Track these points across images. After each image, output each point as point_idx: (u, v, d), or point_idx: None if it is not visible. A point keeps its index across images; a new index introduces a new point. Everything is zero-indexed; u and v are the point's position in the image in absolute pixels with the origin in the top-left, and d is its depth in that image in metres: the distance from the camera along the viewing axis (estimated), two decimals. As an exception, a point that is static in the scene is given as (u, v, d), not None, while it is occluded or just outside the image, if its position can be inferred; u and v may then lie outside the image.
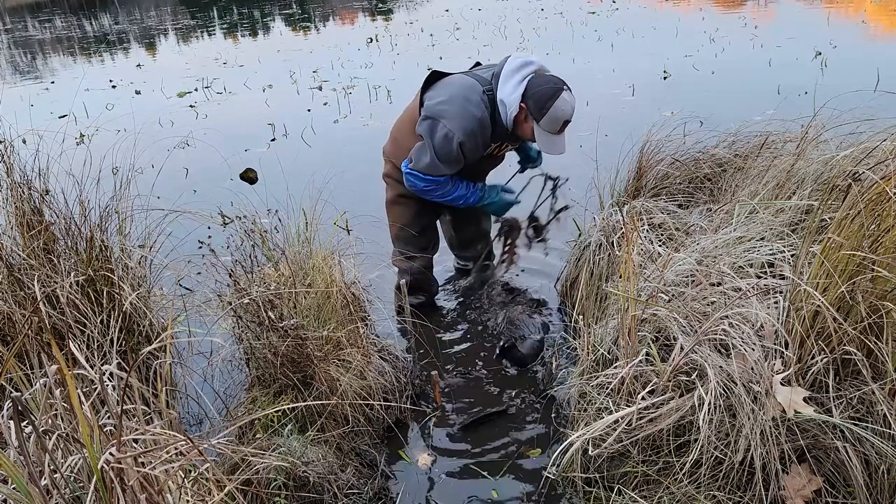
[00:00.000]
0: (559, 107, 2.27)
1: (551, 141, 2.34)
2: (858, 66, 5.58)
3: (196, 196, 3.89)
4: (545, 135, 2.32)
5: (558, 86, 2.29)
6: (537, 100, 2.27)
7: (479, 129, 2.31)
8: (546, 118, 2.28)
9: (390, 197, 2.65)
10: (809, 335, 1.51)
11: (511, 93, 2.29)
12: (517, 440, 2.10)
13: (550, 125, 2.30)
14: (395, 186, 2.60)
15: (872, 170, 1.53)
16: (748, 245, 2.01)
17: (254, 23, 13.95)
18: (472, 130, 2.30)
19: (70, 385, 1.11)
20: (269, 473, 1.68)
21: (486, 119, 2.32)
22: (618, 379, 1.68)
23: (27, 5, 22.43)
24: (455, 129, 2.28)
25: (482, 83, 2.33)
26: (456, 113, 2.28)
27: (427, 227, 2.67)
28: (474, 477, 1.97)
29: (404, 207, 2.62)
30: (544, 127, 2.30)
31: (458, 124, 2.27)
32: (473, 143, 2.33)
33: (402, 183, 2.51)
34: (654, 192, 2.71)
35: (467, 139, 2.30)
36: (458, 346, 2.62)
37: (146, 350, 1.42)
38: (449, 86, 2.36)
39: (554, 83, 2.29)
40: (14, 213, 2.19)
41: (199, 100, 6.86)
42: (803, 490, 1.52)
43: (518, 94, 2.29)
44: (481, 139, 2.35)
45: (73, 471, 1.17)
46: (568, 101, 2.30)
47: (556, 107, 2.27)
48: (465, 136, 2.29)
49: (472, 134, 2.30)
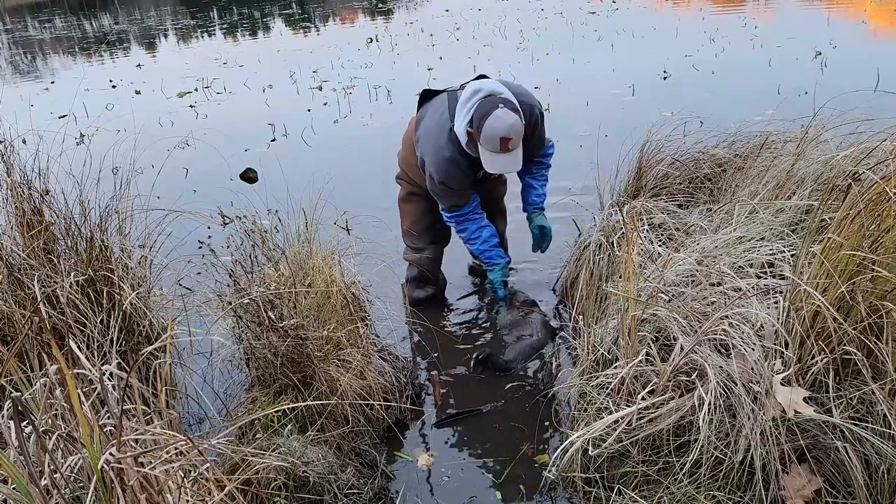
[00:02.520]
0: (491, 124, 2.22)
1: (493, 160, 2.31)
2: (858, 66, 5.58)
3: (196, 196, 3.88)
4: (487, 154, 2.30)
5: (496, 104, 2.25)
6: (476, 120, 2.27)
7: (453, 167, 2.42)
8: (482, 136, 2.26)
9: (401, 195, 2.79)
10: (809, 335, 1.51)
11: (461, 123, 2.34)
12: (517, 440, 2.10)
13: (488, 143, 2.27)
14: (405, 186, 2.74)
15: (872, 170, 1.53)
16: (748, 245, 2.01)
17: (254, 23, 13.96)
18: (447, 170, 2.42)
19: (70, 385, 1.11)
20: (269, 473, 1.68)
21: (457, 155, 2.40)
22: (618, 379, 1.68)
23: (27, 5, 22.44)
24: (434, 171, 2.43)
25: (450, 118, 2.40)
26: (431, 158, 2.43)
27: (435, 222, 2.73)
28: (474, 477, 1.97)
29: (413, 205, 2.73)
30: (485, 146, 2.29)
31: (435, 168, 2.42)
32: (454, 178, 2.44)
33: (411, 183, 2.67)
34: (654, 192, 2.71)
35: (446, 178, 2.43)
36: (458, 345, 2.61)
37: (146, 350, 1.42)
38: (425, 127, 2.49)
39: (493, 102, 2.26)
40: (14, 213, 2.19)
41: (199, 100, 6.86)
42: (803, 490, 1.52)
43: (466, 121, 2.32)
44: (461, 172, 2.44)
45: (73, 471, 1.17)
46: (501, 118, 2.22)
47: (488, 124, 2.23)
48: (444, 177, 2.43)
49: (448, 172, 2.42)
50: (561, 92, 6.01)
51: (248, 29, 13.07)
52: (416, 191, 2.68)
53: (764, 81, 5.45)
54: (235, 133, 5.43)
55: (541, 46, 8.01)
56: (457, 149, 2.39)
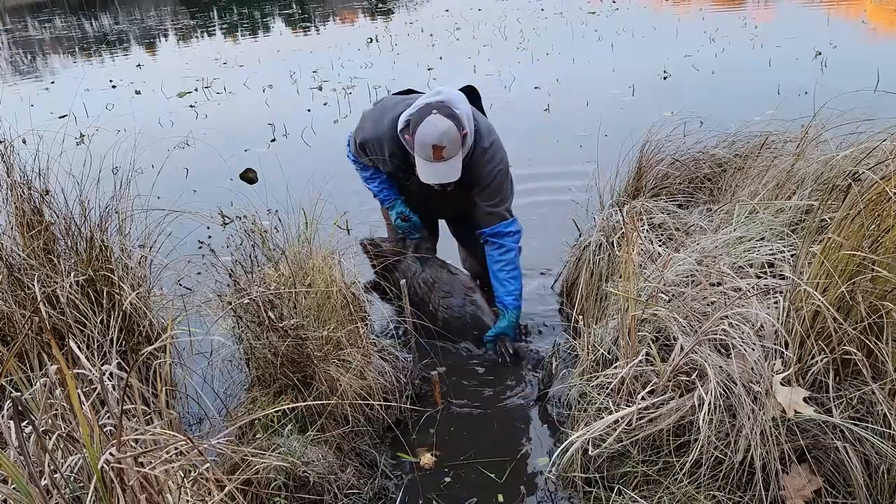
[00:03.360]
0: (422, 130, 2.14)
1: (427, 169, 2.21)
2: (858, 66, 5.58)
3: (196, 196, 3.89)
4: (421, 162, 2.21)
5: (430, 111, 2.16)
6: (412, 126, 2.19)
7: (377, 140, 2.39)
8: (416, 144, 2.18)
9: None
10: (809, 335, 1.51)
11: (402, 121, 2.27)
12: (517, 440, 2.10)
13: (421, 151, 2.18)
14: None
15: (872, 170, 1.53)
16: (748, 245, 2.01)
17: (254, 23, 13.96)
18: (369, 138, 2.41)
19: (70, 385, 1.11)
20: (269, 473, 1.68)
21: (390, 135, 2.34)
22: (618, 379, 1.68)
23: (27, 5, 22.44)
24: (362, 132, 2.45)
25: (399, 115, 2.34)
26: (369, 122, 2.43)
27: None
28: (474, 477, 1.97)
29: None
30: (419, 154, 2.20)
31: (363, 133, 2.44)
32: (372, 146, 2.42)
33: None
34: (654, 192, 2.71)
35: (365, 141, 2.44)
36: (458, 345, 2.61)
37: (146, 350, 1.42)
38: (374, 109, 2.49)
39: (429, 109, 2.17)
40: (14, 213, 2.19)
41: (199, 100, 6.86)
42: (803, 490, 1.52)
43: (404, 123, 2.26)
44: (380, 149, 2.40)
45: (73, 471, 1.17)
46: (433, 124, 2.13)
47: (420, 130, 2.15)
48: (363, 139, 2.44)
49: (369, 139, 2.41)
50: (561, 92, 6.01)
51: (248, 29, 13.07)
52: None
53: (764, 81, 5.45)
54: (235, 133, 5.43)
55: (541, 46, 8.01)
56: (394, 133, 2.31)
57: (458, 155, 2.20)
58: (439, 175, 2.22)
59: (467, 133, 2.21)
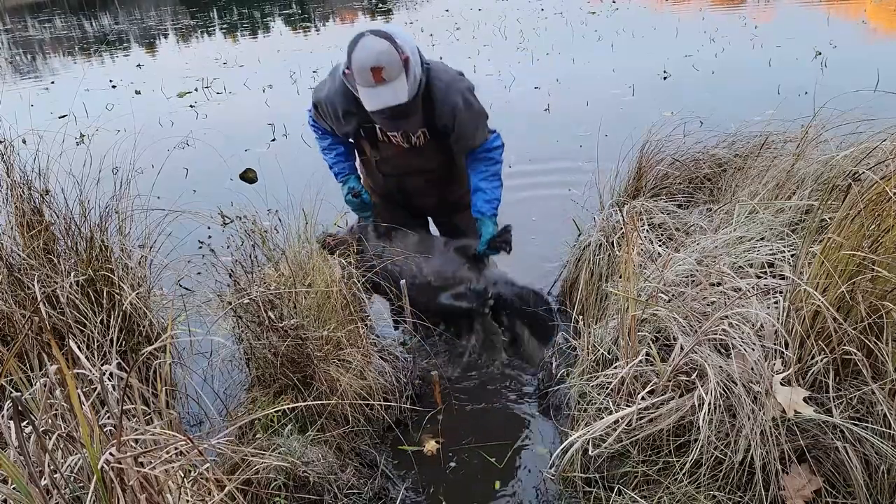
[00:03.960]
0: (357, 55, 2.01)
1: (370, 94, 2.05)
2: (858, 66, 5.58)
3: (196, 196, 3.88)
4: (364, 91, 2.06)
5: (364, 34, 2.05)
6: (348, 57, 2.07)
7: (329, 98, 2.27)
8: (354, 71, 2.05)
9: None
10: (809, 335, 1.51)
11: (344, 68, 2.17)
12: (517, 440, 2.10)
13: (360, 77, 2.04)
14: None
15: (872, 170, 1.53)
16: (748, 245, 2.01)
17: (254, 23, 13.96)
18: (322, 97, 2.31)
19: (70, 385, 1.11)
20: (269, 473, 1.68)
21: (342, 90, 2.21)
22: (618, 379, 1.68)
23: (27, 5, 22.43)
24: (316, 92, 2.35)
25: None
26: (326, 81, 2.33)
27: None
28: (474, 477, 1.97)
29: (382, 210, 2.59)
30: (359, 82, 2.05)
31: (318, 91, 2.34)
32: (324, 106, 2.31)
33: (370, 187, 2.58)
34: (654, 192, 2.71)
35: (318, 101, 2.34)
36: (459, 345, 2.61)
37: (146, 350, 1.42)
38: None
39: (363, 33, 2.06)
40: (14, 213, 2.19)
41: (199, 100, 6.86)
42: (803, 490, 1.52)
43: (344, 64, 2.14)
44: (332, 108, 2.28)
45: (73, 471, 1.17)
46: (367, 46, 2.01)
47: (355, 56, 2.02)
48: (315, 99, 2.35)
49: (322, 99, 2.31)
50: (561, 92, 6.01)
51: (248, 29, 13.07)
52: (376, 190, 2.58)
53: (764, 81, 5.45)
54: (235, 133, 5.43)
55: (541, 46, 8.01)
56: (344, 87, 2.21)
57: (400, 78, 2.04)
58: (383, 98, 2.05)
59: (409, 59, 2.05)
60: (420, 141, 2.27)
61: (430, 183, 2.47)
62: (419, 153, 2.33)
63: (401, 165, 2.39)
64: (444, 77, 2.21)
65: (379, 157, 2.39)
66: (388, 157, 2.38)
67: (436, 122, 2.23)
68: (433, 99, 2.20)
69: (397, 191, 2.51)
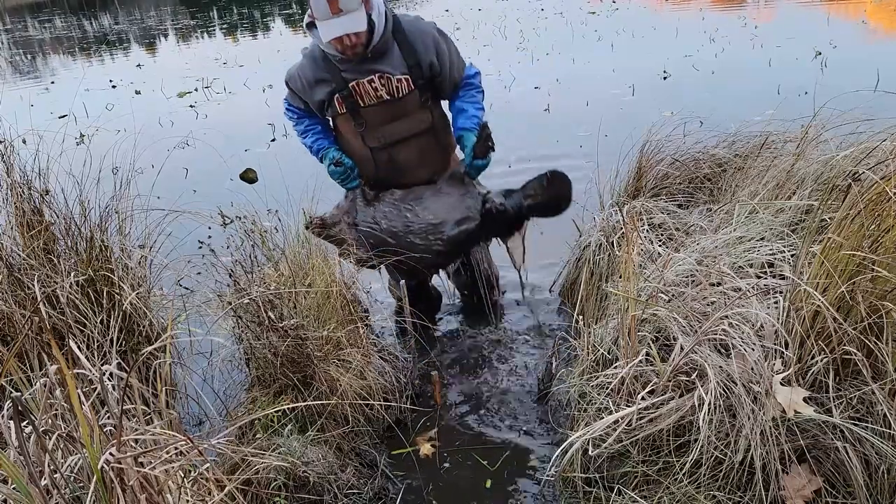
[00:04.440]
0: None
1: (328, 26, 2.06)
2: (858, 66, 5.58)
3: (196, 196, 3.89)
4: (321, 25, 2.07)
5: None
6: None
7: (300, 70, 2.28)
8: (312, 7, 2.07)
9: None
10: (809, 335, 1.51)
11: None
12: (517, 441, 2.10)
13: (318, 11, 2.05)
14: None
15: (872, 170, 1.53)
16: (748, 245, 2.01)
17: (254, 23, 13.96)
18: (293, 71, 2.30)
19: (70, 385, 1.11)
20: (269, 473, 1.68)
21: (312, 57, 2.25)
22: (618, 379, 1.68)
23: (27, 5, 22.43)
24: (287, 73, 2.34)
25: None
26: (292, 66, 2.33)
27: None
28: (474, 477, 1.97)
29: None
30: (317, 17, 2.06)
31: (289, 71, 2.33)
32: (296, 79, 2.30)
33: None
34: (654, 192, 2.71)
35: (290, 77, 2.33)
36: (458, 345, 2.61)
37: (146, 350, 1.42)
38: None
39: None
40: (14, 213, 2.19)
41: (199, 100, 6.86)
42: (803, 490, 1.52)
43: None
44: (304, 79, 2.27)
45: (73, 471, 1.17)
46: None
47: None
48: (288, 75, 2.33)
49: (294, 73, 2.30)
50: (561, 92, 6.01)
51: (248, 29, 13.07)
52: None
53: (764, 81, 5.44)
54: (235, 133, 5.43)
55: (541, 46, 8.01)
56: (318, 52, 2.22)
57: (360, 9, 2.06)
58: (341, 26, 2.05)
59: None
60: (403, 89, 2.22)
61: (421, 153, 2.38)
62: (404, 113, 2.28)
63: (388, 133, 2.31)
64: (408, 18, 2.24)
65: (364, 127, 2.30)
66: (373, 124, 2.29)
67: (421, 61, 2.22)
68: (409, 40, 2.21)
69: (388, 168, 2.38)
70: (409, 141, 2.34)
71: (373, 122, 2.29)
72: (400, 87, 2.23)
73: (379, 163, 2.37)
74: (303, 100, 2.35)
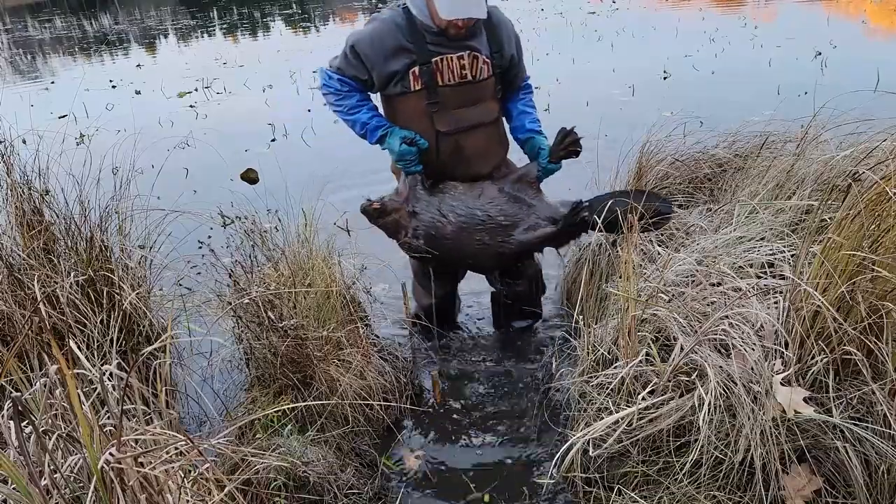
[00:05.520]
0: None
1: (455, 4, 1.97)
2: (858, 66, 5.58)
3: (196, 196, 3.89)
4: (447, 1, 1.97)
5: None
6: None
7: (375, 33, 2.09)
8: None
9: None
10: (809, 335, 1.51)
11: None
12: (517, 441, 2.10)
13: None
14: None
15: (872, 170, 1.53)
16: (748, 245, 2.01)
17: (254, 23, 13.96)
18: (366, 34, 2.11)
19: (70, 385, 1.11)
20: (269, 473, 1.68)
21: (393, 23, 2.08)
22: (618, 379, 1.68)
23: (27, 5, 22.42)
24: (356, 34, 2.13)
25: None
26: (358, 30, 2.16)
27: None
28: (474, 477, 1.97)
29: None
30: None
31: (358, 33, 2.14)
32: (368, 43, 2.09)
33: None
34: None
35: (360, 40, 2.10)
36: (459, 345, 2.61)
37: (146, 350, 1.42)
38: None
39: None
40: (14, 213, 2.19)
41: (199, 100, 6.86)
42: (803, 490, 1.52)
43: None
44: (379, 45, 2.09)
45: (73, 471, 1.17)
46: None
47: None
48: (357, 38, 2.11)
49: (366, 36, 2.10)
50: (561, 92, 6.01)
51: (248, 29, 13.07)
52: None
53: (764, 81, 5.45)
54: (235, 133, 5.43)
55: (541, 46, 8.00)
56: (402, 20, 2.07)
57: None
58: (468, 10, 1.97)
59: None
60: (483, 72, 2.14)
61: (487, 144, 2.26)
62: (480, 97, 2.18)
63: (461, 117, 2.17)
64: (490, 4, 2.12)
65: (438, 108, 2.14)
66: (448, 106, 2.14)
67: (504, 50, 2.16)
68: (495, 26, 2.14)
69: (452, 157, 2.22)
70: (478, 130, 2.22)
71: (448, 104, 2.15)
72: (483, 70, 2.14)
73: (442, 149, 2.20)
74: (366, 69, 2.13)
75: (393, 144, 2.17)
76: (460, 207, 2.19)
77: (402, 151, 2.15)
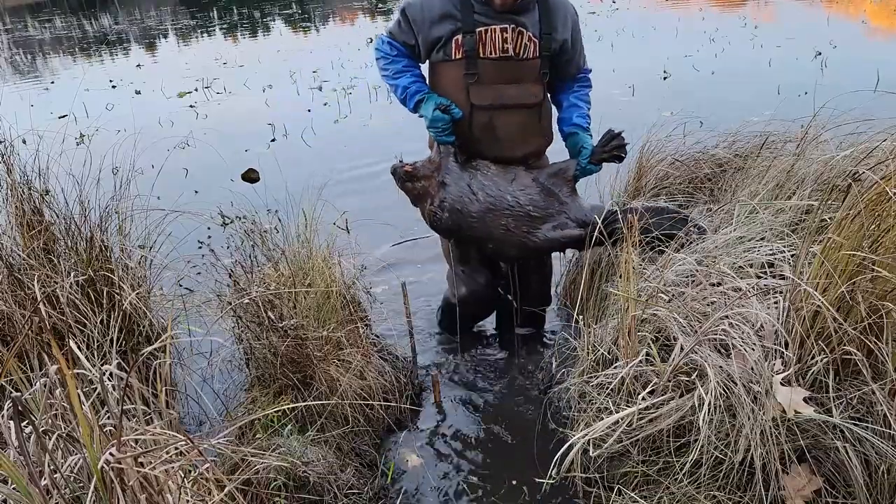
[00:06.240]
0: None
1: None
2: (858, 66, 5.58)
3: (196, 196, 3.89)
4: None
5: None
6: None
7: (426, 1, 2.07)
8: None
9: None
10: (809, 335, 1.51)
11: None
12: (517, 440, 2.10)
13: None
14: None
15: (872, 170, 1.53)
16: (748, 245, 2.01)
17: (254, 23, 13.96)
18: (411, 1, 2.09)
19: (70, 385, 1.11)
20: (269, 473, 1.68)
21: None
22: (618, 379, 1.68)
23: (27, 5, 22.42)
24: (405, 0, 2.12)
25: None
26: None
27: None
28: (474, 477, 1.97)
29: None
30: None
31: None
32: (419, 9, 2.08)
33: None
34: (654, 192, 2.71)
35: (411, 4, 2.10)
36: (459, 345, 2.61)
37: (146, 350, 1.42)
38: None
39: None
40: (14, 213, 2.19)
41: (199, 100, 6.86)
42: (803, 490, 1.52)
43: None
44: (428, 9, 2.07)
45: (73, 471, 1.17)
46: None
47: None
48: (408, 2, 2.10)
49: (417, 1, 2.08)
50: (561, 92, 6.00)
51: (248, 29, 13.07)
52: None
53: (764, 81, 5.45)
54: (235, 133, 5.43)
55: (541, 46, 8.00)
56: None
57: None
58: None
59: None
60: (528, 51, 2.08)
61: (523, 128, 2.19)
62: (520, 77, 2.12)
63: (498, 93, 2.12)
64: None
65: (476, 80, 2.09)
66: (486, 80, 2.09)
67: (555, 33, 2.10)
68: (550, 8, 2.09)
69: (484, 134, 2.16)
70: (515, 111, 2.15)
71: (486, 77, 2.10)
72: (527, 48, 2.08)
73: (476, 124, 2.15)
74: (413, 34, 2.12)
75: (427, 110, 2.13)
76: (491, 188, 2.13)
77: (434, 118, 2.11)
